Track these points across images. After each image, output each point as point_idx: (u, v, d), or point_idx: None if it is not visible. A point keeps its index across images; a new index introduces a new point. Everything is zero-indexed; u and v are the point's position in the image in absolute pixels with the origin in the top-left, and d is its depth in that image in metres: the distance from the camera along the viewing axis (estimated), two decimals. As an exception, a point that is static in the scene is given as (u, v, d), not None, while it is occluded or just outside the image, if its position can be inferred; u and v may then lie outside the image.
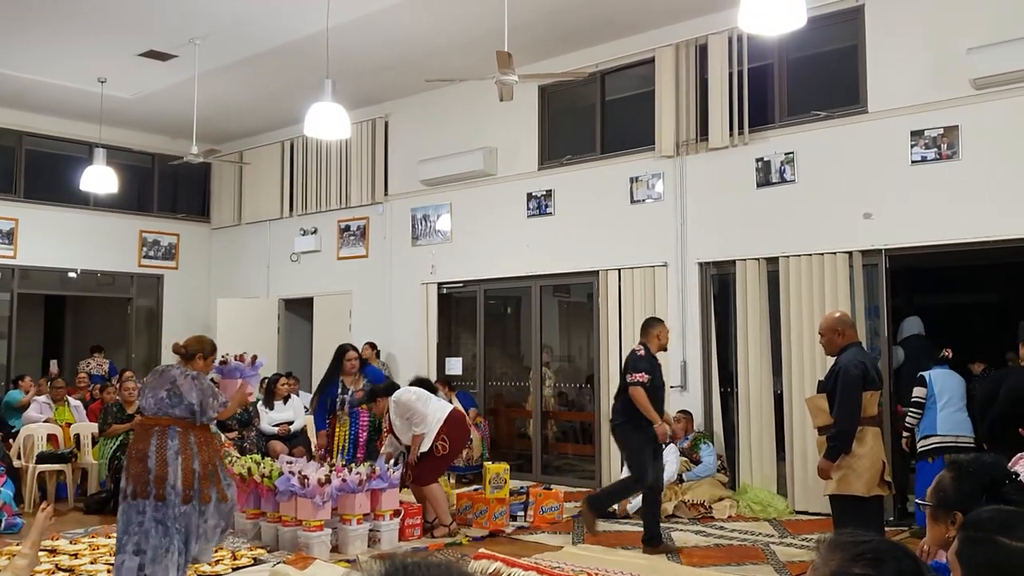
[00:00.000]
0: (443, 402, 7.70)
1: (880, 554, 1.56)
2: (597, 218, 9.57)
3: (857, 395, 5.36)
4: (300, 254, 12.70)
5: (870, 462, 5.37)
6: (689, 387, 8.85)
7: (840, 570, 1.57)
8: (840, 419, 5.36)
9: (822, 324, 5.90)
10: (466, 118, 10.71)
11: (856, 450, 5.34)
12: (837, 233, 7.96)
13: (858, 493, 5.33)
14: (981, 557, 1.84)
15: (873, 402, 5.51)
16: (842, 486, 5.34)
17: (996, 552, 1.83)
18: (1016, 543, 1.82)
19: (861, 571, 1.55)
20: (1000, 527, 1.86)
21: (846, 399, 5.36)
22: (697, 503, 7.90)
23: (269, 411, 9.76)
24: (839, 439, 5.35)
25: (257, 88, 11.09)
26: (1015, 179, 7.10)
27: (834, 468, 5.39)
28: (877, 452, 5.44)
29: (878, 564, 1.55)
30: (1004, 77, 7.07)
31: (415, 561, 1.13)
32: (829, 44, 8.54)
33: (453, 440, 7.25)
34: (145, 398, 5.12)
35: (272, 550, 6.47)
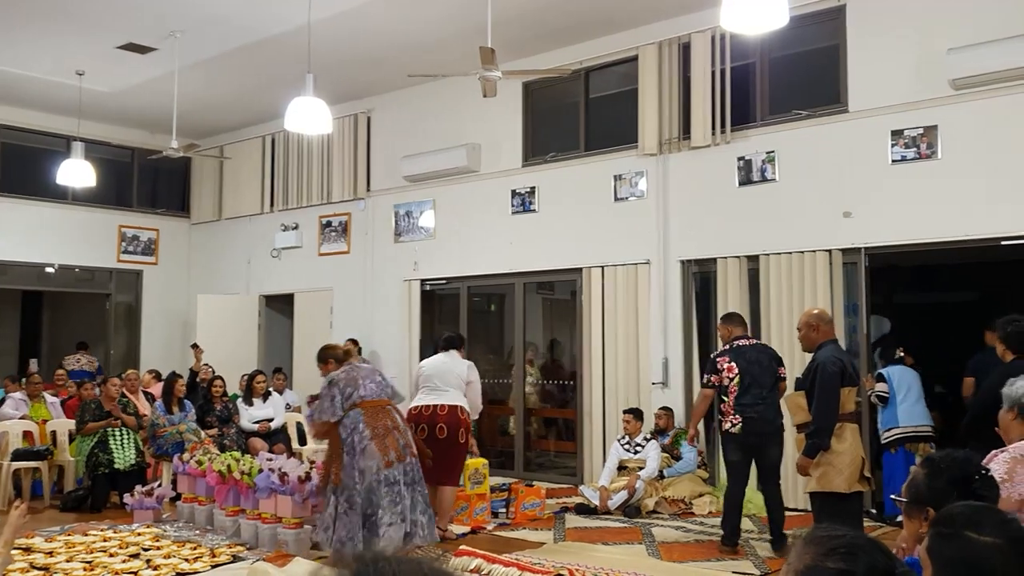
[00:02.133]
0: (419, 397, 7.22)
1: (853, 549, 1.57)
2: (581, 215, 9.58)
3: (835, 392, 5.40)
4: (281, 250, 12.63)
5: (850, 458, 5.41)
6: (671, 384, 8.87)
7: (814, 564, 1.58)
8: (819, 416, 5.39)
9: (800, 320, 5.97)
10: (449, 114, 10.69)
11: (835, 447, 5.37)
12: (817, 231, 8.00)
13: (839, 490, 5.36)
14: (951, 552, 1.87)
15: (851, 398, 5.54)
16: (823, 483, 5.37)
17: (965, 547, 1.85)
18: (984, 538, 1.85)
19: (834, 565, 1.56)
20: (969, 522, 1.89)
21: (824, 396, 5.39)
22: (677, 499, 7.93)
23: (249, 408, 9.71)
24: (818, 436, 5.38)
25: (238, 82, 11.03)
26: (992, 178, 7.16)
27: (814, 465, 5.42)
28: (856, 448, 5.47)
29: (851, 559, 1.56)
30: (983, 78, 7.12)
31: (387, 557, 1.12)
32: (811, 44, 8.58)
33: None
34: (365, 386, 6.11)
35: (251, 547, 6.44)
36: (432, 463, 6.70)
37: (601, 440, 9.13)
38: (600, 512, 7.77)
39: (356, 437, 5.84)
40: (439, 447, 6.80)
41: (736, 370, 6.34)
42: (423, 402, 7.01)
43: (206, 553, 6.20)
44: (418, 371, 7.29)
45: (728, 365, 6.38)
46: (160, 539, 6.64)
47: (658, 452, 8.17)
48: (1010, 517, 1.96)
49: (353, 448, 5.80)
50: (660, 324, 8.94)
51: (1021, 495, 3.39)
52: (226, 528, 6.83)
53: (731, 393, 6.34)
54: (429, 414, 6.91)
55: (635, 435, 8.29)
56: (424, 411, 6.94)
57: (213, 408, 9.47)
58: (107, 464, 8.08)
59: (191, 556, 6.10)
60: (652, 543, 6.73)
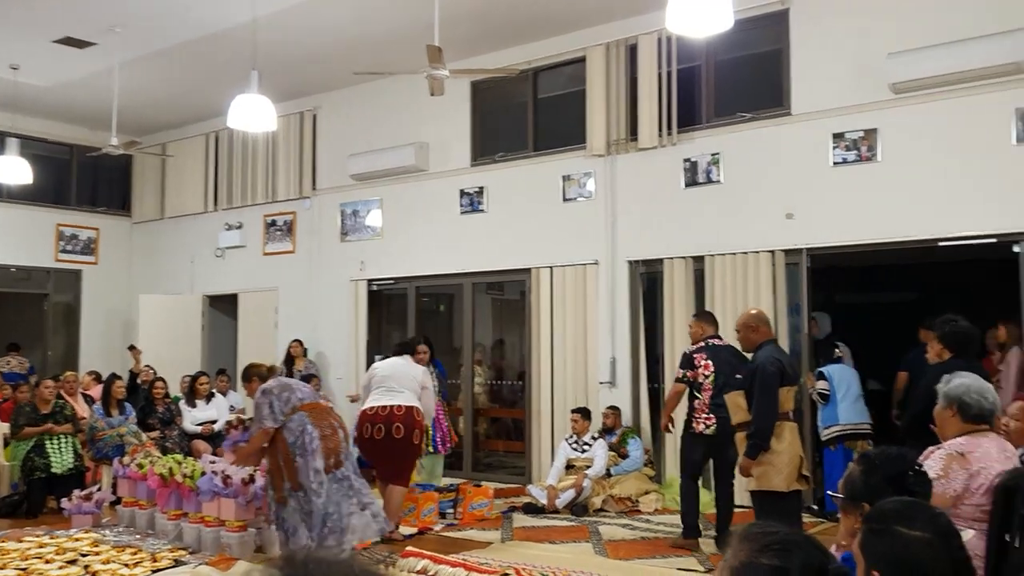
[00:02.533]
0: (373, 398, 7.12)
1: (787, 545, 1.60)
2: (529, 216, 9.59)
3: (774, 392, 5.47)
4: (225, 249, 12.45)
5: (788, 458, 5.48)
6: (618, 383, 8.93)
7: (749, 561, 1.59)
8: (758, 417, 5.46)
9: (738, 321, 6.04)
10: (397, 113, 10.63)
11: (775, 446, 5.44)
12: (761, 232, 8.11)
13: (778, 489, 5.43)
14: (882, 548, 1.91)
15: (789, 398, 5.62)
16: (762, 482, 5.44)
17: (895, 542, 1.90)
18: (914, 532, 1.90)
19: (768, 562, 1.58)
20: (899, 518, 1.94)
21: (764, 397, 5.46)
22: (624, 497, 7.98)
23: (192, 410, 9.56)
24: (758, 436, 5.44)
25: (181, 79, 10.85)
26: (930, 181, 7.33)
27: (754, 464, 5.49)
28: (795, 448, 5.55)
29: (785, 555, 1.58)
30: (921, 82, 7.29)
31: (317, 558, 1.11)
32: (755, 47, 8.70)
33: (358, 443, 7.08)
34: (300, 390, 6.08)
35: (194, 551, 6.33)
36: (386, 462, 6.77)
37: (550, 439, 9.16)
38: (548, 511, 7.79)
39: (307, 438, 5.78)
40: (395, 446, 6.81)
41: (712, 368, 6.38)
42: (379, 402, 6.96)
43: (147, 558, 6.08)
44: (371, 372, 7.26)
45: (705, 362, 6.42)
46: (99, 544, 6.49)
47: (605, 451, 8.22)
48: (938, 512, 2.01)
49: (305, 449, 5.75)
50: (608, 324, 9.00)
51: (956, 491, 3.47)
52: (168, 532, 6.71)
53: (705, 391, 6.36)
54: (386, 414, 6.87)
55: (583, 434, 8.33)
56: (380, 411, 6.90)
57: (155, 410, 9.29)
58: (44, 468, 7.88)
59: (131, 561, 5.98)
60: (599, 541, 6.77)
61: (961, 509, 3.48)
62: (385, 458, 6.91)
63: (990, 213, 7.05)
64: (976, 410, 3.66)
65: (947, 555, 1.87)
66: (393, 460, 6.85)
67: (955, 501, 3.47)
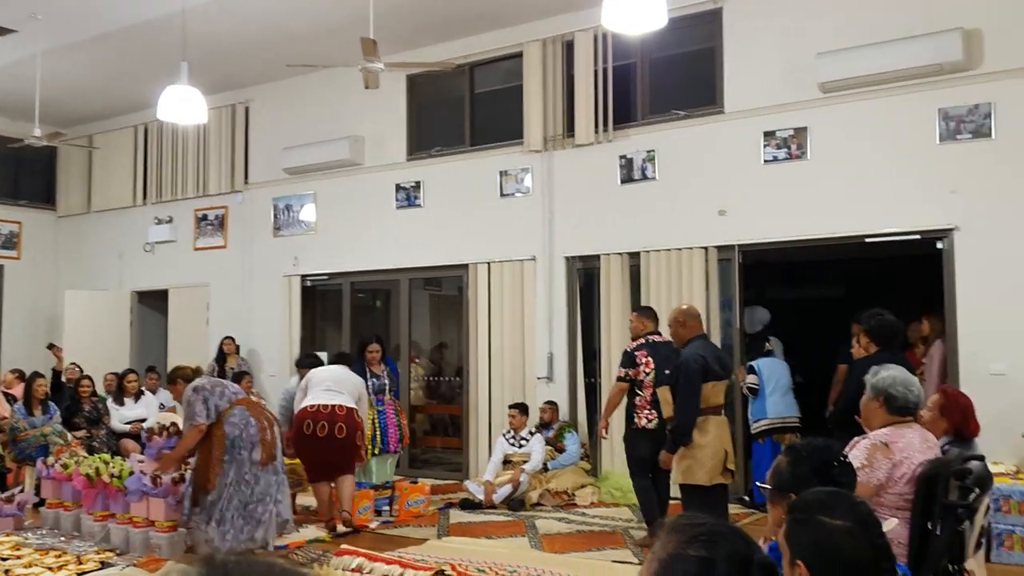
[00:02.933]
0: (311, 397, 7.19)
1: (714, 536, 1.62)
2: (467, 211, 9.57)
3: (695, 389, 5.53)
4: (155, 244, 12.18)
5: (712, 451, 5.56)
6: (555, 378, 8.97)
7: (676, 552, 1.61)
8: (679, 412, 5.53)
9: (669, 317, 6.11)
10: (331, 106, 10.51)
11: (698, 440, 5.51)
12: (694, 229, 8.22)
13: (700, 482, 5.52)
14: (806, 537, 1.96)
15: (717, 392, 5.69)
16: (686, 476, 5.52)
17: (818, 531, 1.95)
18: (836, 521, 1.95)
19: (695, 553, 1.60)
20: (822, 507, 1.99)
21: (685, 393, 5.53)
22: (561, 491, 8.02)
23: (120, 408, 9.34)
24: (677, 432, 5.51)
25: (107, 69, 10.56)
26: (858, 179, 7.50)
27: (678, 458, 5.56)
28: (719, 441, 5.62)
29: (712, 546, 1.60)
30: (849, 81, 7.46)
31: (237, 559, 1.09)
32: (689, 45, 8.80)
33: (294, 441, 7.08)
34: (231, 386, 6.11)
35: (122, 553, 6.18)
36: (327, 459, 6.88)
37: (487, 435, 9.16)
38: (485, 506, 7.79)
39: (251, 430, 5.81)
40: (339, 445, 6.93)
41: (652, 365, 6.41)
42: (320, 400, 7.03)
43: (72, 561, 5.92)
44: (310, 376, 7.31)
45: (646, 360, 6.45)
46: (21, 547, 6.29)
47: (542, 445, 8.25)
48: (859, 501, 2.07)
49: (249, 442, 5.75)
50: (545, 320, 9.03)
51: (880, 480, 3.55)
52: (94, 534, 6.54)
53: (646, 388, 6.38)
54: (328, 412, 6.95)
55: (520, 429, 8.35)
56: (323, 408, 6.97)
57: (81, 409, 9.06)
58: (-37, 470, 7.63)
59: (55, 564, 5.81)
60: (535, 535, 6.79)
61: (885, 498, 3.56)
62: (327, 455, 6.94)
63: (915, 210, 7.25)
64: (902, 402, 3.75)
65: (867, 542, 1.92)
66: (335, 457, 6.97)
67: (879, 490, 3.56)
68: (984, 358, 6.91)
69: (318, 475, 7.05)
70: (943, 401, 4.53)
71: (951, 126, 7.14)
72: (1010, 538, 5.81)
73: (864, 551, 1.92)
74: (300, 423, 6.98)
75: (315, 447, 6.92)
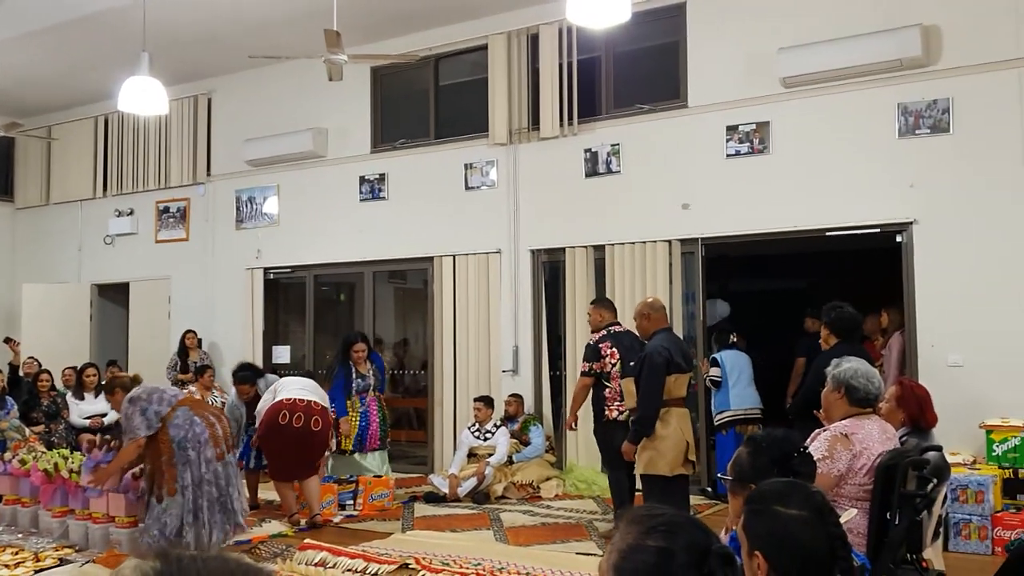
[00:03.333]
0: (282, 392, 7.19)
1: (673, 527, 1.63)
2: (432, 204, 9.54)
3: (658, 381, 5.57)
4: (115, 237, 12.01)
5: (673, 443, 5.60)
6: (520, 371, 8.98)
7: (636, 543, 1.62)
8: (641, 404, 5.56)
9: (635, 310, 6.15)
10: (295, 98, 10.42)
11: (660, 432, 5.56)
12: (658, 222, 8.26)
13: (662, 473, 5.56)
14: (762, 528, 1.99)
15: (680, 384, 5.74)
16: (648, 467, 5.56)
17: (774, 521, 1.98)
18: (791, 511, 1.98)
19: (654, 543, 1.61)
20: (778, 498, 2.02)
21: (648, 385, 5.56)
22: (526, 483, 8.04)
23: (79, 403, 9.21)
24: (640, 423, 5.55)
25: (66, 58, 10.38)
26: (819, 173, 7.58)
27: (640, 449, 5.60)
28: (681, 433, 5.67)
29: (671, 536, 1.61)
30: (810, 77, 7.53)
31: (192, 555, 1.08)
32: (653, 40, 8.84)
33: (264, 440, 7.04)
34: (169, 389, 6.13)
35: (81, 549, 6.10)
36: (299, 453, 6.89)
37: (452, 429, 9.16)
38: (449, 500, 7.79)
39: (197, 429, 5.69)
40: (313, 438, 6.98)
41: (618, 356, 6.42)
42: (295, 395, 7.04)
43: (29, 557, 5.84)
44: (280, 383, 7.29)
45: (611, 351, 6.45)
46: (-22, 545, 6.20)
47: (507, 438, 8.26)
48: (814, 491, 2.10)
49: (197, 440, 5.65)
50: (510, 313, 9.04)
51: (840, 471, 3.60)
52: (52, 530, 6.45)
53: (614, 380, 6.38)
54: (304, 405, 6.99)
55: (485, 422, 8.35)
56: (299, 402, 7.00)
57: (39, 403, 8.94)
58: (-83, 466, 7.48)
59: (11, 561, 5.73)
60: (500, 528, 6.81)
61: (845, 489, 3.61)
62: (299, 449, 6.92)
63: (875, 204, 7.34)
64: (863, 394, 3.80)
65: (823, 532, 1.96)
66: (307, 452, 6.98)
67: (839, 481, 3.60)
68: (942, 350, 7.02)
69: (286, 474, 6.98)
70: (900, 392, 4.60)
71: (910, 121, 7.24)
72: (967, 527, 5.92)
73: (820, 540, 1.95)
74: (275, 415, 6.91)
75: (289, 439, 6.86)
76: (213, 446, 5.71)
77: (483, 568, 5.16)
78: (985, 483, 5.94)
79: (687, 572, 1.60)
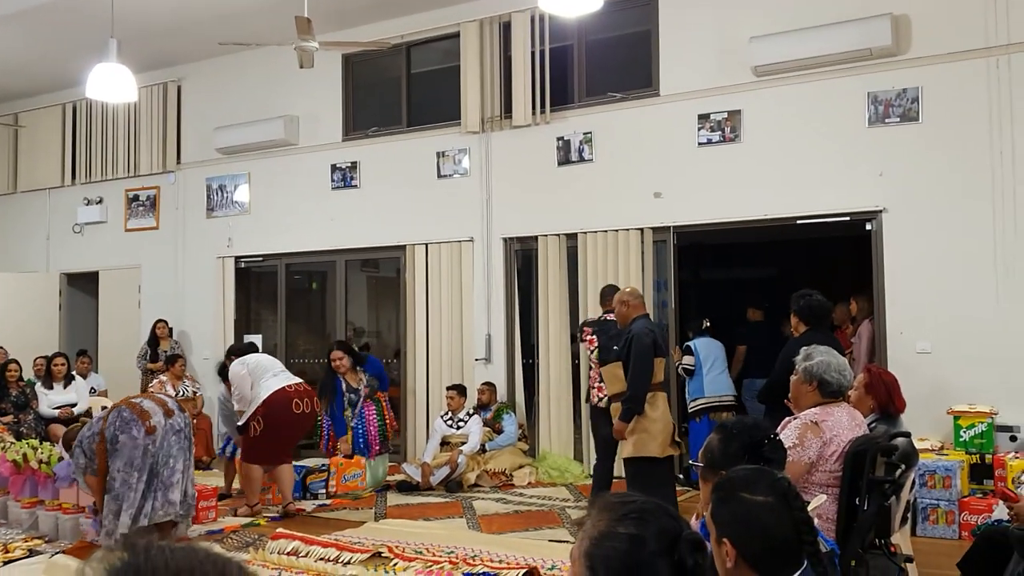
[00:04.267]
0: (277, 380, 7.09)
1: (644, 514, 1.65)
2: (404, 192, 9.50)
3: (649, 361, 5.63)
4: (84, 225, 11.87)
5: (663, 424, 5.66)
6: (493, 359, 8.99)
7: (608, 530, 1.64)
8: (634, 383, 5.61)
9: (615, 298, 6.18)
10: (266, 85, 10.33)
11: (649, 413, 5.60)
12: (631, 210, 8.29)
13: (653, 454, 5.60)
14: (729, 514, 2.02)
15: (661, 368, 5.79)
16: (638, 448, 5.59)
17: (740, 507, 2.02)
18: (757, 497, 2.02)
19: (625, 530, 1.63)
20: (744, 485, 2.06)
21: (639, 365, 5.61)
22: (499, 471, 8.06)
23: (48, 393, 9.11)
24: (633, 401, 5.59)
25: (33, 45, 10.21)
26: (788, 162, 7.63)
27: (629, 432, 5.64)
28: (667, 415, 5.73)
29: (642, 523, 1.63)
30: (781, 65, 7.57)
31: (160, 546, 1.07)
32: (625, 28, 8.83)
33: (269, 423, 6.88)
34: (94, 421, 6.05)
35: (51, 540, 6.06)
36: (294, 437, 7.10)
37: (425, 417, 9.16)
38: (422, 488, 7.79)
39: (124, 414, 5.77)
40: (309, 421, 7.18)
41: (597, 343, 6.50)
42: (286, 382, 7.02)
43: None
44: (251, 367, 7.08)
45: (590, 338, 6.55)
46: (-55, 537, 6.13)
47: (480, 427, 8.27)
48: (780, 476, 2.13)
49: (125, 425, 5.72)
50: (483, 301, 9.04)
51: (811, 458, 3.64)
52: (22, 521, 6.40)
53: (595, 365, 6.46)
54: (303, 389, 7.06)
55: (458, 411, 8.36)
56: (298, 387, 7.04)
57: (8, 394, 8.84)
58: None
59: (-19, 553, 5.67)
60: (473, 516, 6.82)
61: (816, 476, 3.65)
62: (296, 432, 7.15)
63: (845, 192, 7.40)
64: (835, 387, 3.84)
65: (788, 517, 1.99)
66: (300, 434, 7.26)
67: (810, 468, 3.64)
68: (910, 337, 7.11)
69: (275, 458, 6.95)
70: (868, 380, 4.65)
71: (880, 110, 7.30)
72: (935, 512, 6.01)
73: (786, 525, 1.98)
74: (287, 402, 6.85)
75: (292, 424, 6.95)
76: (141, 421, 5.71)
77: (456, 556, 5.16)
78: (952, 468, 6.04)
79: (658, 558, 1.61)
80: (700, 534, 1.70)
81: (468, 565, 4.85)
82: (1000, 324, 6.78)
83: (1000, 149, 6.85)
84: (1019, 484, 5.68)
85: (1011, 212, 6.80)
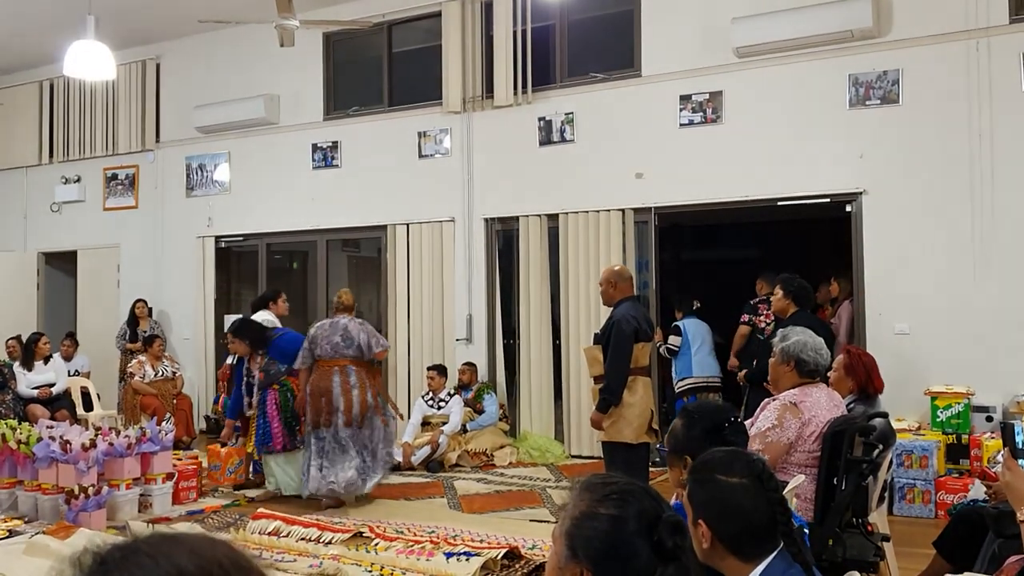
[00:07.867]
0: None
1: (624, 495, 1.67)
2: (386, 172, 9.46)
3: (628, 349, 5.61)
4: (62, 204, 11.76)
5: (639, 411, 5.66)
6: (474, 339, 9.00)
7: (588, 511, 1.65)
8: (610, 373, 5.58)
9: (601, 276, 6.14)
10: (246, 63, 10.24)
11: (627, 399, 5.60)
12: (612, 191, 8.29)
13: (627, 440, 5.61)
14: (705, 496, 2.05)
15: (644, 353, 5.79)
16: (612, 433, 5.60)
17: (716, 489, 2.05)
18: (732, 479, 2.05)
19: (606, 511, 1.64)
20: (720, 466, 2.09)
21: (617, 354, 5.59)
22: (480, 452, 8.08)
23: (28, 373, 9.05)
24: (609, 392, 5.59)
25: (9, 22, 10.06)
26: (769, 143, 7.65)
27: (605, 418, 5.65)
28: (646, 402, 5.73)
29: (622, 504, 1.65)
30: (763, 47, 7.57)
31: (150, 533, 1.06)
32: (607, 8, 8.80)
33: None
34: (321, 346, 6.44)
35: (30, 520, 6.03)
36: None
37: (406, 397, 9.16)
38: (403, 468, 7.80)
39: None
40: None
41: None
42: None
43: (-23, 530, 5.75)
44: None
45: None
46: (-77, 518, 6.09)
47: (461, 407, 8.29)
48: (755, 458, 2.15)
49: None
50: (464, 281, 9.03)
51: (790, 439, 3.68)
52: (1, 502, 6.36)
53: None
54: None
55: (439, 391, 8.37)
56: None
57: (-15, 375, 8.75)
58: None
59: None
60: (454, 496, 6.85)
61: (794, 456, 3.69)
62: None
63: (825, 174, 7.44)
64: (812, 366, 3.87)
65: (763, 497, 2.02)
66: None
67: (789, 448, 3.68)
68: (889, 318, 7.17)
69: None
70: (847, 361, 4.69)
71: (861, 92, 7.32)
72: (911, 491, 6.08)
73: (760, 506, 2.01)
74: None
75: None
76: None
77: (437, 536, 5.19)
78: (929, 448, 6.11)
79: (638, 539, 1.63)
80: (680, 516, 1.72)
81: (449, 545, 4.88)
82: (977, 306, 6.85)
83: (979, 131, 6.89)
84: (995, 463, 5.76)
85: (989, 194, 6.85)
